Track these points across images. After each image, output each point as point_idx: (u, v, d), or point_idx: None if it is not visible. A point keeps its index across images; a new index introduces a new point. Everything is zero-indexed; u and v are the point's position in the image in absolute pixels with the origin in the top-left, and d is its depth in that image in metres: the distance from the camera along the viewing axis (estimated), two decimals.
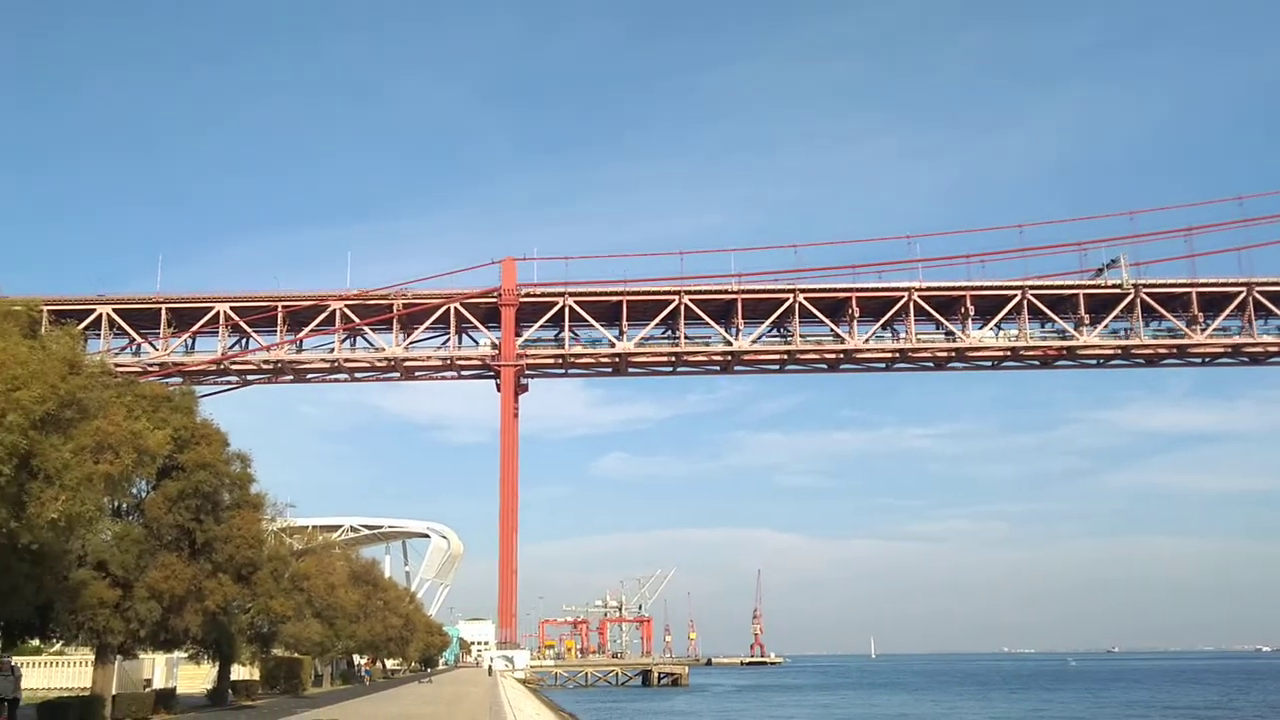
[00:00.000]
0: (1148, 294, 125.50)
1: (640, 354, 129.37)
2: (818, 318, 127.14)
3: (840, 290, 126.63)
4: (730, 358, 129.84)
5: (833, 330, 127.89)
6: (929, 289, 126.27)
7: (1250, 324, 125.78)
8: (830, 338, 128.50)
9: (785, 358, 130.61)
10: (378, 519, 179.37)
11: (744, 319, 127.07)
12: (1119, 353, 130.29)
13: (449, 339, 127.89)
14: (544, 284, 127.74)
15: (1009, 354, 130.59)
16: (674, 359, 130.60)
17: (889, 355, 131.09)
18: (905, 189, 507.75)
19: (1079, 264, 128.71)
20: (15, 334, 20.83)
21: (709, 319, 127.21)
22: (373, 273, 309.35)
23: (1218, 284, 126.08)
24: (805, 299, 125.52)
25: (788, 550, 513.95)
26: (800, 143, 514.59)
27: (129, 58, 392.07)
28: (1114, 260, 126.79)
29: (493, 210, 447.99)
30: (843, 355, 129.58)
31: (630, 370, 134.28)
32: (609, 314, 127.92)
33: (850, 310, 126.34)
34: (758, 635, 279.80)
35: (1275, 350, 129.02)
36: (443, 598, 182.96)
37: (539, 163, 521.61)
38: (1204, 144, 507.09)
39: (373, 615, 70.99)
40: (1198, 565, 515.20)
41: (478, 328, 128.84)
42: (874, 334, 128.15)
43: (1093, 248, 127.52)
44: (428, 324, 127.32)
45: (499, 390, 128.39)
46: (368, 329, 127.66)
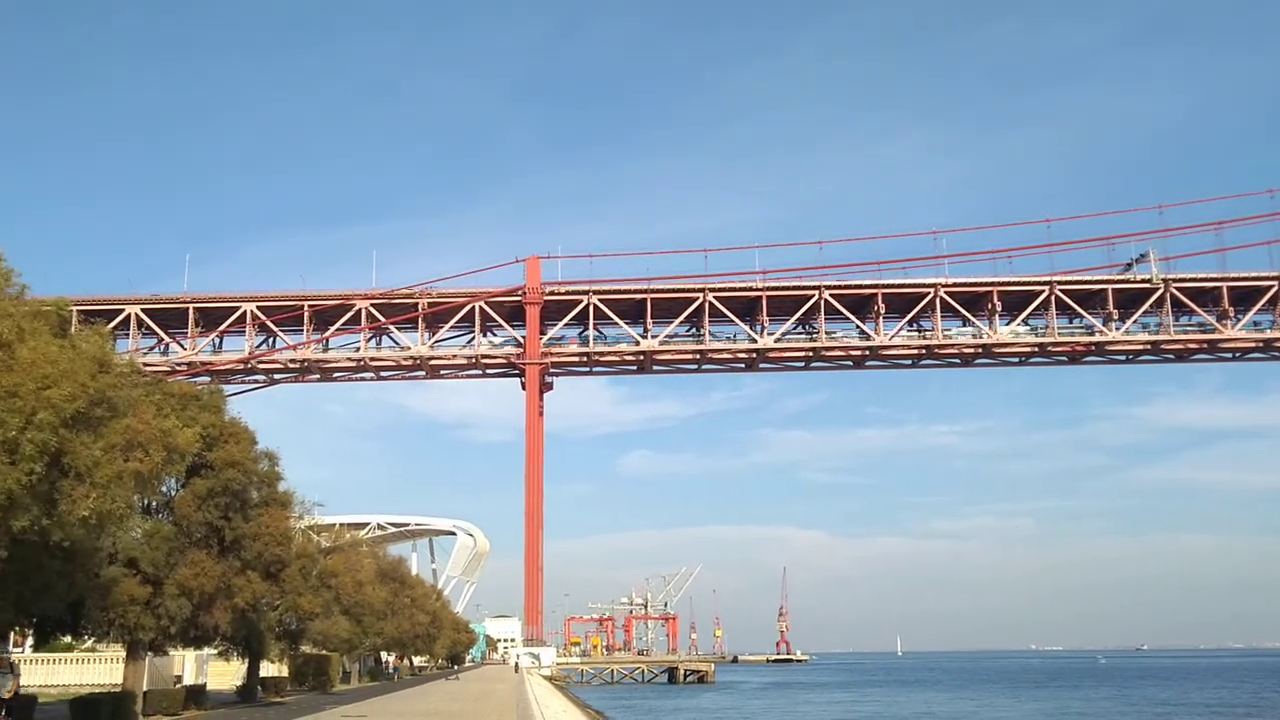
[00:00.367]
0: (1177, 289, 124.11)
1: (665, 352, 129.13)
2: (843, 314, 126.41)
3: (866, 286, 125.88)
4: (755, 355, 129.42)
5: (858, 327, 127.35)
6: (955, 285, 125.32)
7: None
8: (856, 334, 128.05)
9: (810, 355, 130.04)
10: (404, 517, 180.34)
11: (769, 316, 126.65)
12: (1148, 348, 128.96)
13: (474, 337, 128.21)
14: (568, 282, 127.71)
15: (1036, 350, 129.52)
16: (699, 356, 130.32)
17: (915, 352, 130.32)
18: (931, 184, 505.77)
19: (1107, 259, 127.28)
20: (45, 333, 20.95)
21: (734, 316, 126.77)
22: (398, 272, 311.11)
23: (1249, 278, 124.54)
24: (830, 295, 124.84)
25: (813, 547, 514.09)
26: (826, 139, 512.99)
27: (156, 54, 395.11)
28: (1143, 255, 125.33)
29: (517, 209, 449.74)
30: (868, 352, 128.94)
31: (655, 368, 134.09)
32: (633, 312, 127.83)
33: (876, 307, 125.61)
34: (784, 633, 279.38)
35: None
36: (469, 595, 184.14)
37: (564, 161, 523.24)
38: (1235, 136, 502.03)
39: (400, 612, 71.36)
40: (1228, 562, 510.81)
41: (502, 326, 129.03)
42: (900, 330, 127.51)
43: (1121, 242, 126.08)
44: (453, 323, 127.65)
45: (524, 389, 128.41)
46: (393, 328, 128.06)
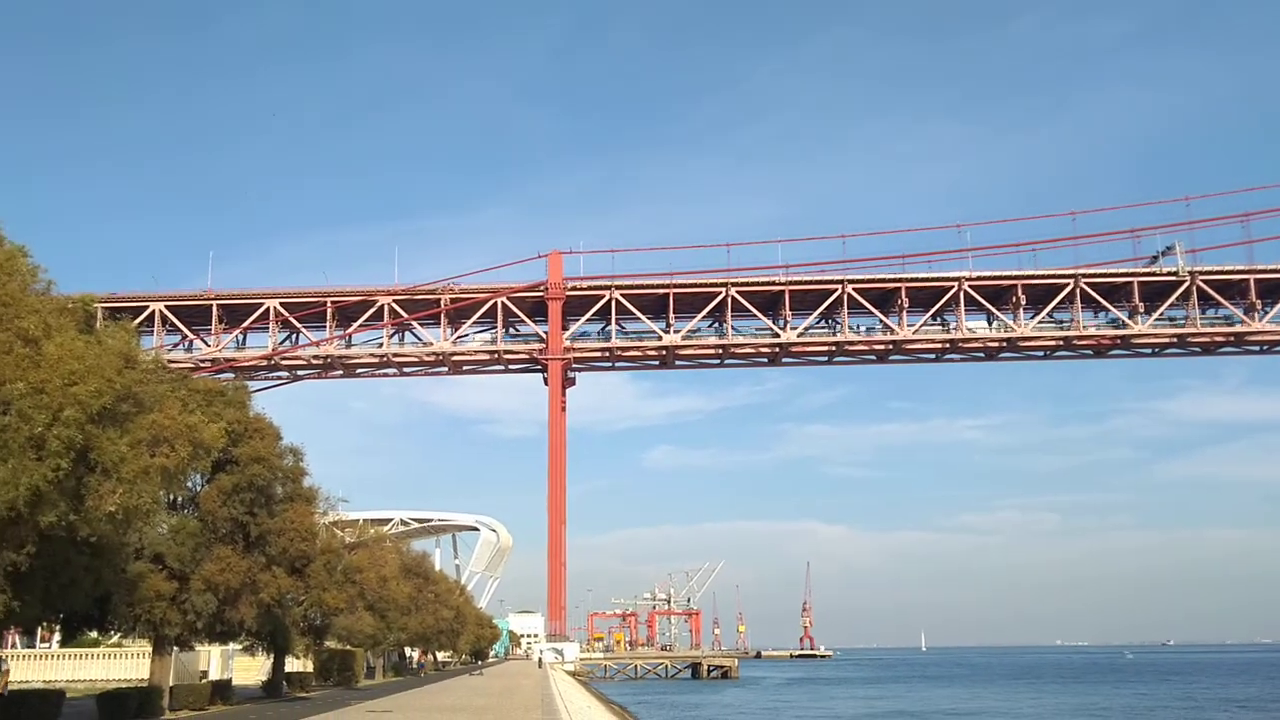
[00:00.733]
0: (1204, 281, 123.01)
1: (687, 346, 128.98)
2: (866, 308, 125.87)
3: (889, 280, 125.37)
4: (778, 349, 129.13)
5: (882, 321, 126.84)
6: (979, 278, 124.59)
7: None
8: (879, 328, 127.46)
9: (833, 349, 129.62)
10: (427, 512, 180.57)
11: (791, 310, 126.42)
12: (1174, 341, 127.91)
13: (496, 333, 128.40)
14: (590, 277, 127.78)
15: (1061, 343, 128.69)
16: (721, 351, 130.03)
17: (939, 346, 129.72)
18: (956, 177, 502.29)
19: (1133, 252, 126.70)
20: (71, 329, 20.99)
21: (756, 311, 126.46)
22: (420, 269, 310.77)
23: (1277, 270, 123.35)
24: (854, 290, 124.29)
25: (836, 542, 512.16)
26: (849, 132, 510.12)
27: (181, 64, 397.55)
28: (1169, 247, 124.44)
29: (539, 206, 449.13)
30: (892, 346, 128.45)
31: (677, 363, 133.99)
32: (656, 306, 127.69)
33: (899, 300, 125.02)
34: (807, 628, 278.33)
35: None
36: (492, 590, 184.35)
37: (584, 157, 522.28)
38: (1262, 128, 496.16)
39: (424, 608, 71.56)
40: (1255, 557, 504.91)
41: (525, 321, 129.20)
42: (923, 324, 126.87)
43: (1147, 235, 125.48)
44: (475, 318, 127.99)
45: (546, 384, 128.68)
46: (416, 324, 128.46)
